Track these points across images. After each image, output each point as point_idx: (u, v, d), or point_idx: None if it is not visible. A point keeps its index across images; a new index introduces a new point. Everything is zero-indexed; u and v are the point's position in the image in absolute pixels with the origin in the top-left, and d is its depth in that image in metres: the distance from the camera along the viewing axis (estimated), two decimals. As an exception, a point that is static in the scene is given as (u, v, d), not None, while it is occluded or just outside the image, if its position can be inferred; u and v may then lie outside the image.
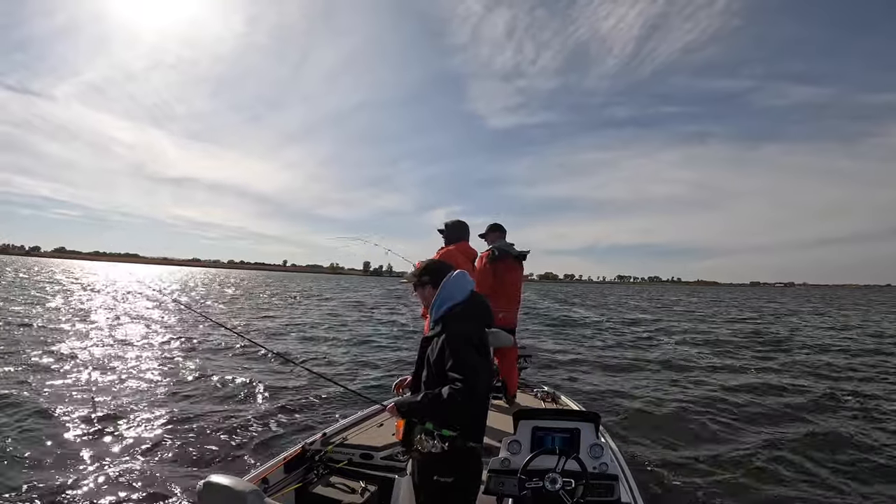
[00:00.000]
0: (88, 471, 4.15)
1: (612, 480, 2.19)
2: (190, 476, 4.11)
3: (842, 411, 6.81)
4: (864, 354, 12.12)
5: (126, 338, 11.25)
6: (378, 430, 3.29)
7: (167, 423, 5.41)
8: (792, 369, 9.92)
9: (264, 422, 5.61)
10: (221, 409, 6.00)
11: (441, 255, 3.75)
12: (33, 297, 21.52)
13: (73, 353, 8.94)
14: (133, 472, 4.16)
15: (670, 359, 11.02)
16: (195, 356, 9.31)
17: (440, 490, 1.97)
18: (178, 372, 7.97)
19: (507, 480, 2.20)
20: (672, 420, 6.28)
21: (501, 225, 4.42)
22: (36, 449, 4.54)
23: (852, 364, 10.59)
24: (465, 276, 2.25)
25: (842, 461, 4.95)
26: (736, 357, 11.45)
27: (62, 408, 5.75)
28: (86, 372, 7.57)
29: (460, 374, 1.90)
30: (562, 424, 2.36)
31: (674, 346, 13.36)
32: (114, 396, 6.37)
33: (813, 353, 12.25)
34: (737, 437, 5.67)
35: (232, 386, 7.22)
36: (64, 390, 6.51)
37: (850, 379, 9.10)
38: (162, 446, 4.78)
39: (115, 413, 5.68)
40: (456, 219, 4.00)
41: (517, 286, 4.44)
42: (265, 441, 5.00)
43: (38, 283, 33.71)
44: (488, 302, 2.28)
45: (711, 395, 7.56)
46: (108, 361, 8.47)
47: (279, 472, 2.80)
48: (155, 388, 6.91)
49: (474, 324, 2.13)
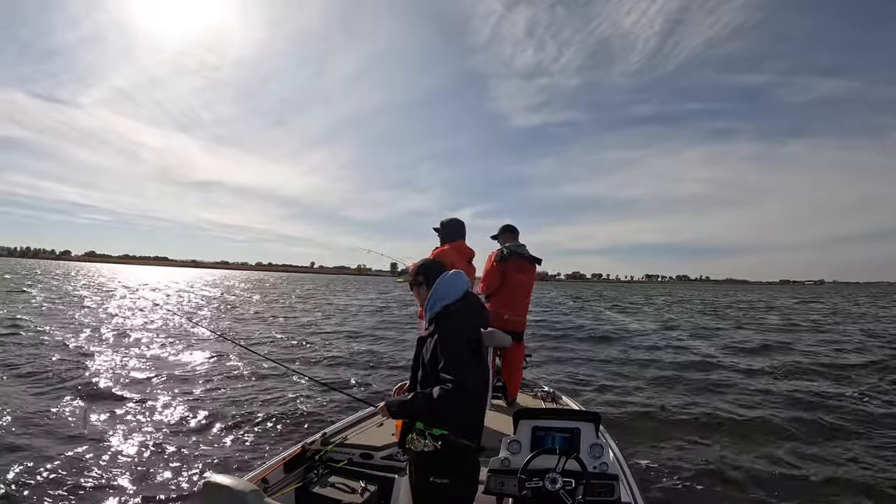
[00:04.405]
0: (88, 470, 4.15)
1: (613, 480, 2.19)
2: (190, 476, 4.11)
3: (852, 414, 6.59)
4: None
5: (126, 338, 11.26)
6: (378, 430, 3.28)
7: (167, 424, 5.41)
8: (806, 372, 9.77)
9: (264, 422, 5.61)
10: (222, 410, 6.00)
11: (436, 254, 3.71)
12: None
13: (73, 353, 8.96)
14: (133, 471, 4.16)
15: (672, 359, 11.02)
16: (195, 356, 9.30)
17: (436, 490, 1.96)
18: (177, 372, 7.97)
19: (507, 480, 2.20)
20: (673, 420, 6.27)
21: (514, 226, 4.33)
22: (36, 448, 4.54)
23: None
24: (460, 275, 2.22)
25: (846, 464, 4.90)
26: (750, 357, 11.34)
27: (62, 407, 5.77)
28: (86, 372, 7.59)
29: (452, 374, 1.89)
30: (562, 424, 2.35)
31: (683, 345, 13.33)
32: (114, 396, 6.38)
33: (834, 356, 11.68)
34: (738, 437, 5.66)
35: (232, 386, 7.22)
36: (64, 390, 6.53)
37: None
38: (162, 446, 4.77)
39: (115, 413, 5.69)
40: (452, 217, 3.94)
41: (526, 288, 4.29)
42: (265, 441, 5.00)
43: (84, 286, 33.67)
44: (483, 302, 2.26)
45: (712, 396, 7.56)
46: (109, 361, 8.48)
47: (279, 472, 2.80)
48: (155, 388, 6.91)
49: (468, 323, 2.11)
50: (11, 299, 20.18)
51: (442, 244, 3.89)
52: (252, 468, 2.97)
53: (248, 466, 4.34)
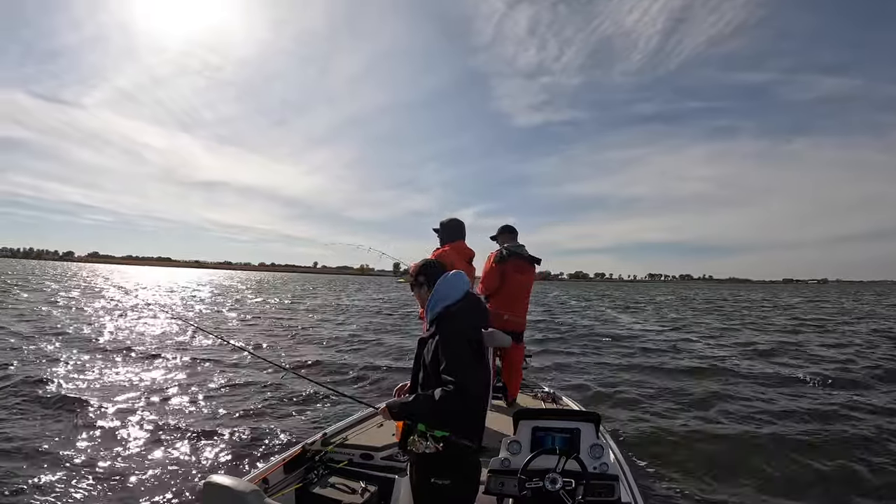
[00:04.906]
0: (89, 470, 4.15)
1: (613, 480, 2.19)
2: (190, 476, 4.11)
3: (859, 417, 6.46)
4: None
5: (127, 339, 11.26)
6: (378, 430, 3.29)
7: (167, 424, 5.40)
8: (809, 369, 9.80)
9: (264, 422, 5.61)
10: (222, 410, 6.00)
11: (436, 255, 3.71)
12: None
13: (76, 354, 8.96)
14: (133, 472, 4.16)
15: (673, 359, 11.01)
16: (195, 357, 9.30)
17: (437, 492, 1.96)
18: (177, 373, 7.97)
19: (507, 480, 2.20)
20: (673, 420, 6.26)
21: (513, 227, 4.34)
22: (36, 448, 4.55)
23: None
24: (460, 276, 2.22)
25: (850, 467, 4.82)
26: (753, 359, 11.29)
27: (62, 407, 5.77)
28: (86, 371, 7.59)
29: (453, 376, 1.89)
30: (562, 424, 2.36)
31: (688, 346, 13.32)
32: (114, 397, 6.37)
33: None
34: (739, 438, 5.64)
35: (232, 387, 7.22)
36: (64, 390, 6.52)
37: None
38: (162, 447, 4.78)
39: (115, 413, 5.69)
40: (451, 217, 3.93)
41: (525, 289, 4.31)
42: (265, 441, 5.00)
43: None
44: (484, 302, 2.27)
45: (713, 397, 7.55)
46: (109, 362, 8.48)
47: (279, 473, 2.80)
48: (154, 388, 6.91)
49: (469, 324, 2.11)
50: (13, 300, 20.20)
51: (442, 245, 3.89)
52: (252, 468, 2.97)
53: (248, 466, 4.35)
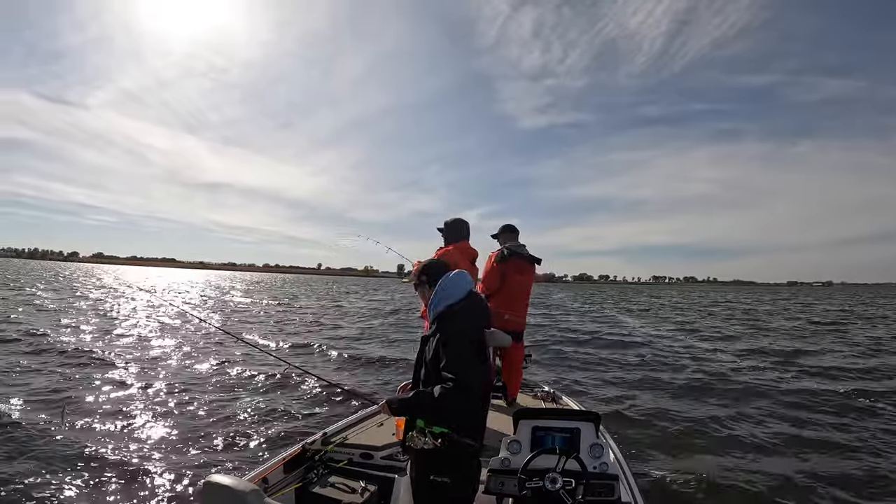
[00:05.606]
0: (89, 469, 4.15)
1: (613, 480, 2.19)
2: (190, 476, 4.10)
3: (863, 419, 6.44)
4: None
5: (126, 339, 11.27)
6: (378, 429, 3.29)
7: (167, 423, 5.41)
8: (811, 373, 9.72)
9: (264, 422, 5.61)
10: (222, 410, 6.00)
11: (439, 254, 3.71)
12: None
13: (75, 354, 8.96)
14: (133, 471, 4.16)
15: (674, 360, 11.01)
16: (195, 357, 9.30)
17: (436, 489, 1.96)
18: (177, 372, 7.97)
19: (507, 480, 2.20)
20: (673, 420, 6.26)
21: (514, 226, 4.33)
22: (36, 448, 4.55)
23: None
24: (463, 275, 2.23)
25: (852, 469, 4.80)
26: (755, 360, 11.25)
27: (62, 406, 5.76)
28: (87, 372, 7.59)
29: (453, 373, 1.90)
30: (562, 424, 2.36)
31: (686, 346, 13.32)
32: (113, 396, 6.38)
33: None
34: (739, 439, 5.65)
35: (232, 386, 7.22)
36: (64, 390, 6.52)
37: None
38: (162, 446, 4.78)
39: (115, 413, 5.69)
40: (455, 217, 3.93)
41: (526, 289, 4.30)
42: (265, 441, 5.00)
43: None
44: (486, 302, 2.27)
45: (713, 398, 7.55)
46: (108, 362, 8.48)
47: (279, 472, 2.80)
48: (154, 388, 6.90)
49: (471, 323, 2.12)
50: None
51: (446, 244, 3.90)
52: (252, 468, 2.97)
53: (248, 466, 4.34)
